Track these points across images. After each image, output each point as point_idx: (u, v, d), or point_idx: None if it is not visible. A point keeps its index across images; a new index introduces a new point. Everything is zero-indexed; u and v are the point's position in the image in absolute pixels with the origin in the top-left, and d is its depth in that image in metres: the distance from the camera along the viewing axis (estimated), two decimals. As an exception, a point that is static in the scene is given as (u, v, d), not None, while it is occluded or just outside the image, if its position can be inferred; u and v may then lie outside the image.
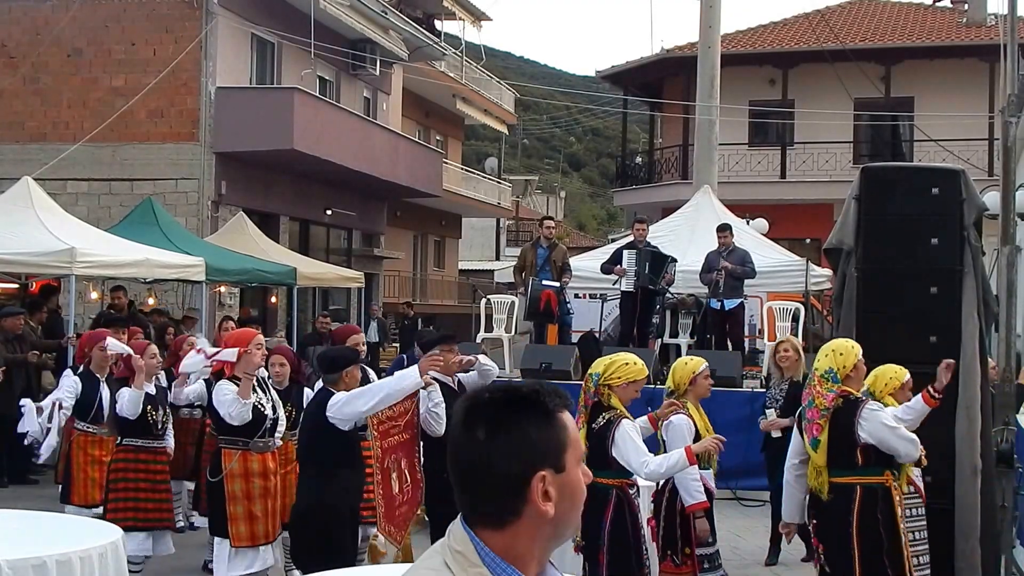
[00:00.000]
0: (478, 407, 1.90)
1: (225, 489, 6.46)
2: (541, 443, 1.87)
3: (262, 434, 6.55)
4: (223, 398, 6.43)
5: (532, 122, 65.84)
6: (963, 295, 6.43)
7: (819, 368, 5.58)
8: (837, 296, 6.95)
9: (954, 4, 30.56)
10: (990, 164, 24.75)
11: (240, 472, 6.49)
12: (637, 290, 12.74)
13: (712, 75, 19.54)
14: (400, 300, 29.15)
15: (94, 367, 7.47)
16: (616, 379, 5.58)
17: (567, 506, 1.89)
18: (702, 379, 6.17)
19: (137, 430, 7.04)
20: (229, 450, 6.51)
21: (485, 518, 1.87)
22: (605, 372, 5.60)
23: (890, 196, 6.62)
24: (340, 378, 6.08)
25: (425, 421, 6.38)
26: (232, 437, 6.49)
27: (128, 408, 6.90)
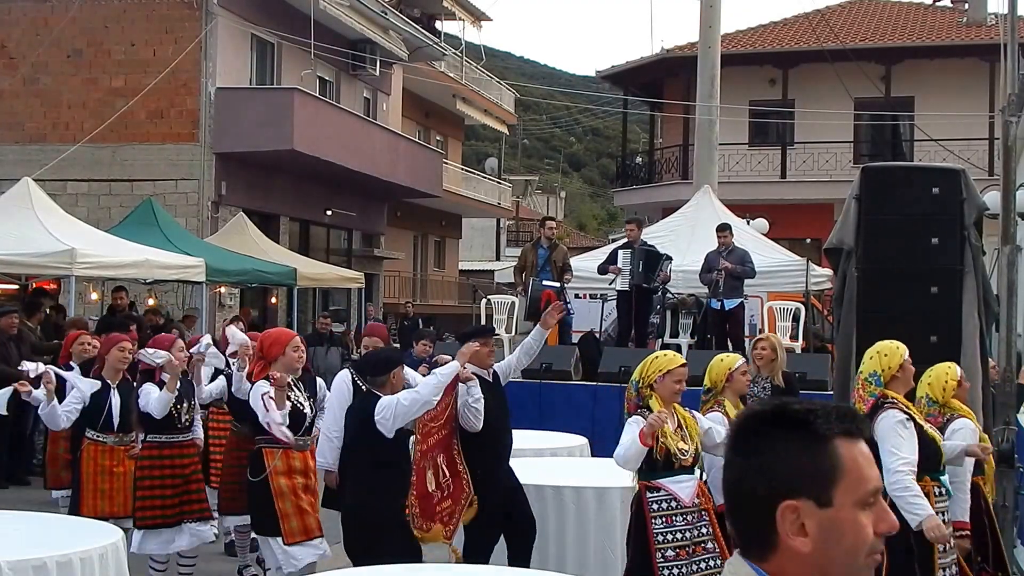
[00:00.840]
0: (745, 423, 1.74)
1: (271, 487, 6.32)
2: (799, 469, 1.66)
3: (302, 433, 6.45)
4: (257, 404, 6.28)
5: (532, 122, 65.85)
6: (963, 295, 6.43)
7: (864, 371, 5.43)
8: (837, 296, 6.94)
9: (954, 4, 30.56)
10: (990, 164, 24.74)
11: (283, 469, 6.37)
12: (632, 289, 12.76)
13: (712, 75, 19.54)
14: (400, 300, 29.16)
15: (107, 373, 7.22)
16: (652, 375, 5.47)
17: (834, 549, 1.65)
18: (739, 375, 6.12)
19: (161, 426, 6.90)
20: (271, 449, 6.38)
21: (747, 547, 1.71)
22: (641, 373, 5.50)
23: (890, 196, 6.62)
24: (388, 380, 5.96)
25: (463, 416, 6.24)
26: (271, 436, 6.36)
27: (157, 408, 6.76)
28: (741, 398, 8.97)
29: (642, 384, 5.47)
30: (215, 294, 19.04)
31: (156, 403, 6.74)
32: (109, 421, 7.05)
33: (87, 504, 6.96)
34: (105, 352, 7.26)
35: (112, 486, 7.07)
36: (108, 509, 7.00)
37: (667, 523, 5.31)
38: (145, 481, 6.87)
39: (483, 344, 6.47)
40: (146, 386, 6.88)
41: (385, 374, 5.99)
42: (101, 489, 7.05)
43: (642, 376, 5.48)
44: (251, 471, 6.44)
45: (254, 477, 6.38)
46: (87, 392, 7.02)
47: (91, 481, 7.02)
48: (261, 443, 6.42)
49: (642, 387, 5.47)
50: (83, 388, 7.03)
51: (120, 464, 7.09)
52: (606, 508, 6.67)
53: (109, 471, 7.08)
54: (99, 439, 7.07)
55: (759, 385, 8.74)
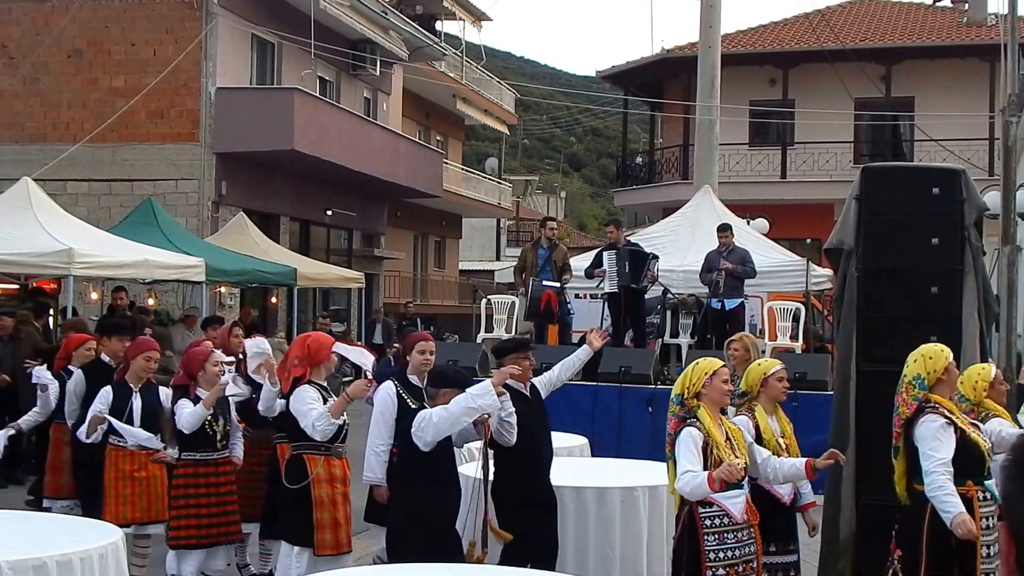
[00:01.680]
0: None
1: (311, 495, 6.16)
2: None
3: (342, 439, 6.32)
4: (304, 407, 6.11)
5: (532, 122, 65.85)
6: (963, 295, 6.42)
7: (907, 375, 5.36)
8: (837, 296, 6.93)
9: (954, 4, 30.56)
10: (990, 164, 24.74)
11: (326, 477, 6.22)
12: (620, 290, 12.76)
13: (712, 75, 19.54)
14: (401, 300, 29.16)
15: (130, 378, 7.05)
16: (697, 383, 5.27)
17: None
18: (775, 381, 6.02)
19: (196, 444, 6.70)
20: (312, 455, 6.22)
21: None
22: (684, 385, 5.30)
23: (890, 196, 6.61)
24: (437, 395, 5.76)
25: (497, 432, 6.05)
26: (313, 442, 6.19)
27: (188, 424, 6.58)
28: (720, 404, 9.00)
29: (687, 395, 5.27)
30: (215, 294, 19.04)
31: (188, 418, 6.57)
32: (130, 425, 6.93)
33: (110, 511, 6.81)
34: (132, 356, 7.11)
35: (134, 491, 6.94)
36: (131, 515, 6.89)
37: (719, 540, 5.15)
38: (180, 500, 6.70)
39: (522, 358, 6.30)
40: (181, 402, 6.67)
41: (435, 388, 5.84)
42: (123, 495, 6.92)
43: (686, 387, 5.29)
44: (289, 477, 6.25)
45: (293, 484, 6.20)
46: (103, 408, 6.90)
47: (113, 487, 6.89)
48: (302, 449, 6.24)
49: (687, 398, 5.27)
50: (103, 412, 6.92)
51: (142, 469, 6.97)
52: (606, 508, 6.67)
53: (131, 476, 6.94)
54: (122, 444, 6.92)
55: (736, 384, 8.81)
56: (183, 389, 6.74)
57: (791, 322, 14.57)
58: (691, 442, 5.12)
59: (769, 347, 13.83)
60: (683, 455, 5.12)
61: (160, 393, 7.21)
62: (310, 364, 6.32)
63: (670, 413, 5.34)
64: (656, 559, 6.93)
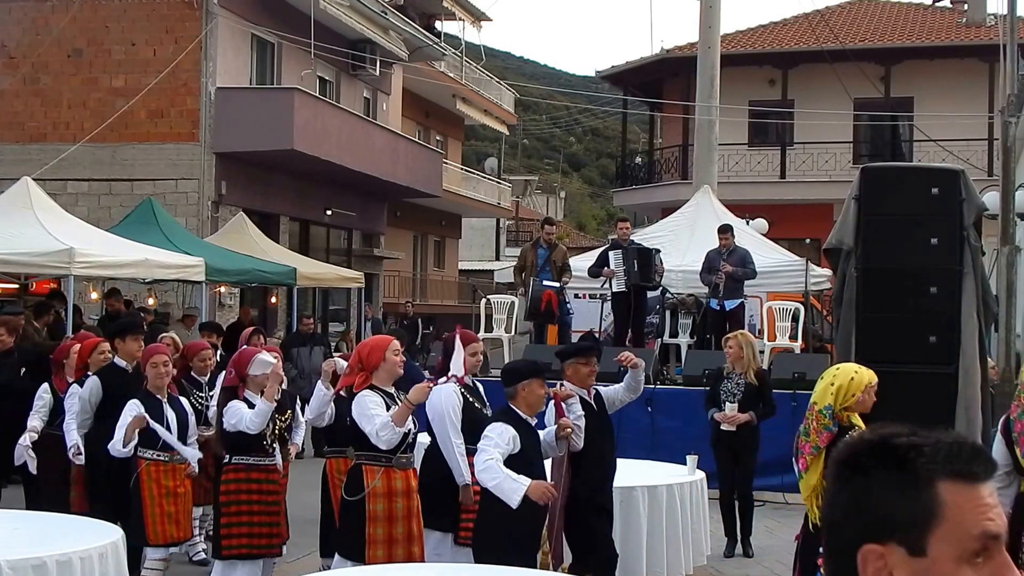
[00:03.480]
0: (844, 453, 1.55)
1: (366, 509, 5.85)
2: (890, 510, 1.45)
3: (405, 449, 5.95)
4: (368, 413, 5.80)
5: (532, 122, 65.85)
6: (963, 295, 6.44)
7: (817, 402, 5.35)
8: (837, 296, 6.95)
9: (954, 4, 30.57)
10: (990, 164, 24.75)
11: (383, 491, 5.86)
12: (629, 289, 12.78)
13: (712, 75, 19.55)
14: (400, 300, 29.16)
15: (152, 387, 6.64)
16: (851, 399, 5.20)
17: None
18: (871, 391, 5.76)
19: (247, 447, 6.32)
20: (371, 466, 5.88)
21: None
22: (838, 397, 5.20)
23: (890, 196, 6.62)
24: (516, 392, 5.56)
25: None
26: (374, 453, 5.86)
27: (256, 422, 6.18)
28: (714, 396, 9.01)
29: (839, 409, 5.19)
30: (215, 294, 19.04)
31: (254, 417, 6.18)
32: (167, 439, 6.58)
33: (154, 531, 6.45)
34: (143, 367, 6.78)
35: (177, 508, 6.62)
36: (176, 534, 6.59)
37: None
38: (231, 507, 6.29)
39: (584, 363, 6.17)
40: (233, 403, 6.27)
41: (512, 385, 5.62)
42: (168, 512, 6.55)
43: (839, 401, 5.20)
44: (348, 489, 5.98)
45: (351, 495, 5.92)
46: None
47: (156, 505, 6.49)
48: (362, 459, 5.95)
49: (840, 411, 5.19)
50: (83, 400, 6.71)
51: (181, 484, 6.68)
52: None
53: (173, 492, 6.59)
54: (158, 458, 6.56)
55: (732, 381, 8.88)
56: (232, 391, 6.39)
57: (790, 322, 14.58)
58: None
59: (768, 347, 13.84)
60: None
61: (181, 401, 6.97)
62: (366, 369, 5.98)
63: (820, 426, 5.22)
64: (656, 559, 6.94)
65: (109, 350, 7.69)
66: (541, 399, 5.69)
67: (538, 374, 5.67)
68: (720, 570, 8.61)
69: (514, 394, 5.59)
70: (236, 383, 6.38)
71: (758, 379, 8.91)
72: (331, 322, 25.59)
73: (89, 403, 7.16)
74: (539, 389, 5.64)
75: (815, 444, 5.20)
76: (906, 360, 6.32)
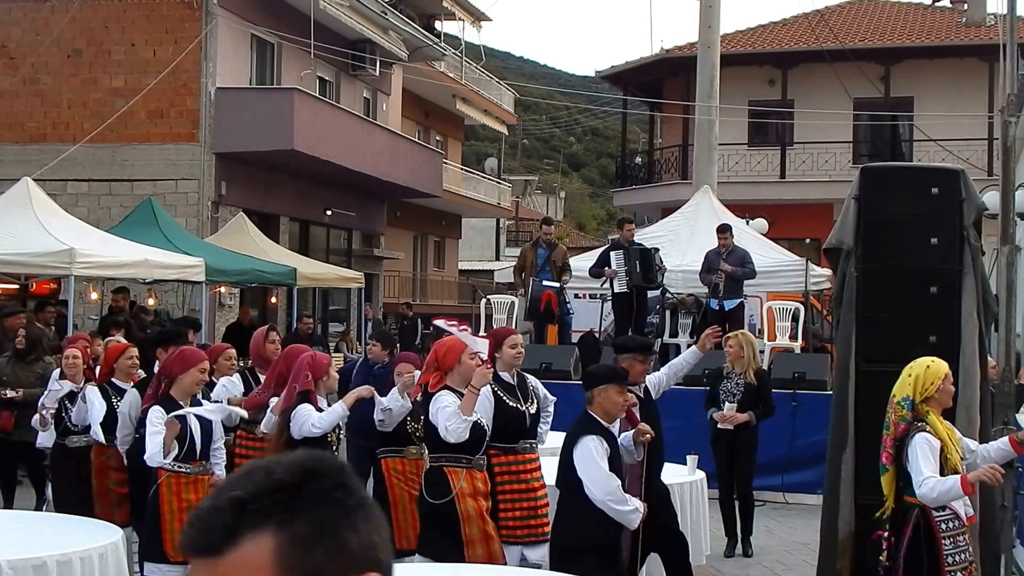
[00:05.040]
0: None
1: (458, 510, 5.79)
2: None
3: (483, 451, 5.95)
4: (443, 407, 5.75)
5: (532, 122, 65.83)
6: (963, 295, 6.43)
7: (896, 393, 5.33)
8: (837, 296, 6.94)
9: (953, 4, 30.58)
10: (989, 164, 24.75)
11: (470, 491, 5.86)
12: (631, 290, 12.78)
13: (712, 75, 19.55)
14: (400, 300, 29.16)
15: (178, 394, 6.21)
16: (931, 387, 5.22)
17: None
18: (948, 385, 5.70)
19: None
20: (455, 469, 5.86)
21: None
22: (916, 388, 5.21)
23: (890, 196, 6.62)
24: (593, 398, 5.50)
25: None
26: (455, 455, 5.84)
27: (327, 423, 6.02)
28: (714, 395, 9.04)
29: (919, 399, 5.21)
30: (215, 294, 19.04)
31: (325, 416, 6.01)
32: (192, 448, 6.17)
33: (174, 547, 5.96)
34: (180, 370, 6.26)
35: None
36: None
37: (954, 543, 5.11)
38: None
39: (641, 361, 6.16)
40: (303, 407, 6.08)
41: (588, 390, 5.58)
42: None
43: (918, 391, 5.21)
44: (431, 492, 5.90)
45: (436, 499, 5.85)
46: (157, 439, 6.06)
47: (176, 520, 6.09)
48: (444, 462, 5.89)
49: (919, 403, 5.20)
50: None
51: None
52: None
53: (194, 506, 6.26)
54: (181, 470, 6.14)
55: (732, 380, 8.90)
56: (304, 394, 6.15)
57: (790, 322, 14.60)
58: (928, 447, 5.08)
59: (768, 347, 13.86)
60: (922, 460, 5.06)
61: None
62: (441, 370, 5.94)
63: (896, 417, 5.24)
64: (655, 559, 6.94)
65: (137, 356, 7.53)
66: (619, 407, 5.59)
67: (616, 380, 5.55)
68: (720, 570, 8.62)
69: (591, 400, 5.49)
70: (309, 387, 6.17)
71: (757, 379, 8.92)
72: (331, 322, 25.61)
73: (129, 417, 6.90)
74: (616, 396, 5.52)
75: (894, 436, 5.23)
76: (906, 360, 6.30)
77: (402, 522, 6.43)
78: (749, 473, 9.10)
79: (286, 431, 6.09)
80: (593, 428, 5.45)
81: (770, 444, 10.11)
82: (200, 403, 6.50)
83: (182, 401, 6.20)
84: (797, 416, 11.17)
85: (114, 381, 7.36)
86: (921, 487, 5.02)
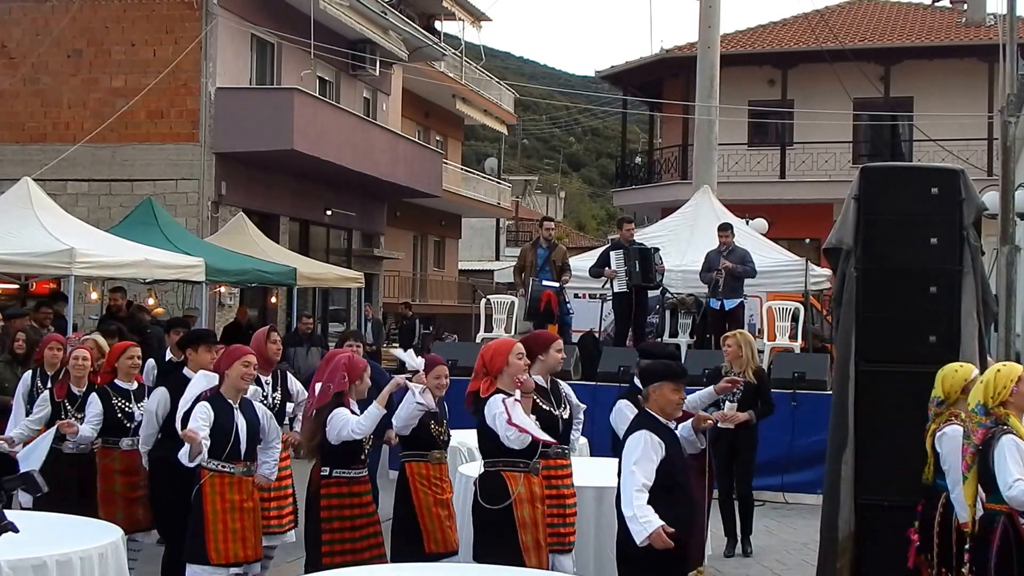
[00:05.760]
0: None
1: (515, 517, 5.64)
2: None
3: (539, 455, 5.82)
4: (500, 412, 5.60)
5: (532, 122, 65.86)
6: (962, 295, 6.43)
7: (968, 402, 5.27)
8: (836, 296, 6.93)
9: (953, 4, 30.59)
10: (989, 164, 24.76)
11: (527, 497, 5.72)
12: (631, 289, 12.80)
13: (712, 75, 19.55)
14: (400, 300, 29.17)
15: (227, 392, 6.07)
16: (1004, 390, 5.14)
17: None
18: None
19: (349, 460, 6.01)
20: (512, 473, 5.71)
21: None
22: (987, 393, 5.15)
23: (889, 196, 6.61)
24: (649, 395, 5.40)
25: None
26: (513, 459, 5.70)
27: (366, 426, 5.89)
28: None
29: (993, 404, 5.13)
30: (215, 294, 19.04)
31: (364, 420, 5.89)
32: (236, 448, 6.00)
33: (216, 549, 5.91)
34: (226, 366, 6.11)
35: (243, 525, 6.04)
36: (243, 553, 6.01)
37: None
38: (335, 523, 5.99)
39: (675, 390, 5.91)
40: (339, 411, 5.95)
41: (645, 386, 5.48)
42: (233, 529, 5.98)
43: (991, 395, 5.15)
44: (487, 497, 5.75)
45: (493, 505, 5.69)
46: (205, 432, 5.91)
47: (219, 521, 5.93)
48: (501, 467, 5.74)
49: (994, 407, 5.12)
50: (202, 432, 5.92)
51: (249, 498, 6.10)
52: (606, 508, 6.67)
53: (239, 507, 6.02)
54: (224, 470, 5.96)
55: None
56: (339, 396, 6.04)
57: (790, 322, 14.59)
58: (1016, 450, 5.00)
59: (768, 347, 13.86)
60: (1011, 463, 4.97)
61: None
62: (490, 374, 5.79)
63: (974, 424, 5.18)
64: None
65: (139, 355, 7.41)
66: (675, 405, 5.44)
67: (672, 377, 5.42)
68: (720, 570, 8.62)
69: (647, 396, 5.41)
70: (345, 387, 6.05)
71: (757, 378, 8.92)
72: (331, 322, 25.60)
73: (156, 416, 6.77)
74: (671, 394, 5.40)
75: (973, 444, 5.16)
76: (906, 360, 6.31)
77: (428, 526, 6.32)
78: (749, 473, 9.10)
79: (319, 434, 5.97)
80: (647, 424, 5.33)
81: (770, 444, 10.11)
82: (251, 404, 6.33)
83: (231, 398, 6.06)
84: (797, 416, 11.17)
85: (116, 382, 7.26)
86: (1011, 489, 4.93)
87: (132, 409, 7.22)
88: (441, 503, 6.45)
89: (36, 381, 7.88)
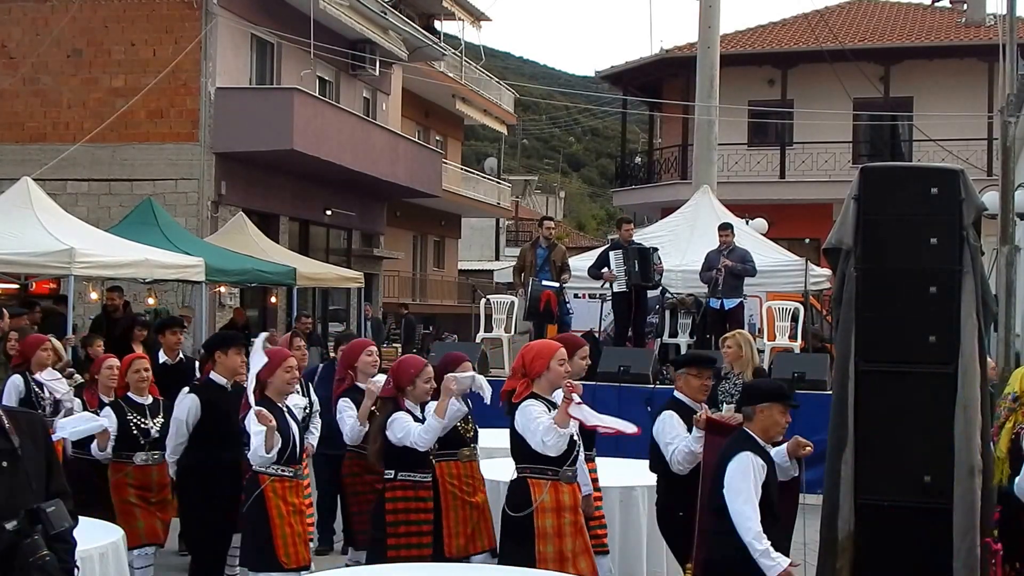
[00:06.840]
0: None
1: (535, 525, 5.48)
2: None
3: (572, 461, 5.61)
4: (532, 424, 5.43)
5: (532, 122, 65.86)
6: (962, 295, 6.43)
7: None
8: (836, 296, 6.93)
9: (953, 4, 30.60)
10: (989, 164, 24.76)
11: (552, 506, 5.51)
12: (630, 289, 12.81)
13: (711, 75, 19.56)
14: (400, 300, 29.19)
15: (274, 395, 5.91)
16: None
17: None
18: None
19: (413, 463, 5.97)
20: (537, 480, 5.52)
21: None
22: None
23: (889, 196, 6.61)
24: (754, 414, 5.23)
25: None
26: (540, 465, 5.52)
27: (427, 438, 5.85)
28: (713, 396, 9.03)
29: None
30: (215, 294, 19.05)
31: (423, 434, 5.83)
32: (293, 451, 5.90)
33: (287, 553, 5.79)
34: (268, 375, 5.90)
35: (304, 528, 6.01)
36: (307, 556, 5.95)
37: None
38: (400, 527, 5.95)
39: (697, 376, 5.92)
40: (399, 415, 5.90)
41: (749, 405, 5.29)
42: (298, 532, 5.88)
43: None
44: (511, 504, 5.60)
45: (517, 512, 5.53)
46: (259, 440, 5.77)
47: (286, 524, 5.81)
48: (527, 473, 5.57)
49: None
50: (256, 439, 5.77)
51: (303, 502, 6.08)
52: (605, 508, 6.68)
53: (299, 510, 5.95)
54: (284, 473, 5.85)
55: (730, 381, 8.89)
56: (393, 401, 5.99)
57: (790, 322, 14.60)
58: None
59: (768, 347, 13.86)
60: None
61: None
62: (528, 376, 5.61)
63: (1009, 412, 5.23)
64: (655, 558, 6.95)
65: (146, 367, 7.20)
66: (780, 429, 5.27)
67: (781, 398, 5.26)
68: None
69: (751, 415, 5.21)
70: (393, 394, 6.00)
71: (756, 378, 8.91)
72: (331, 322, 25.61)
73: (186, 424, 6.55)
74: (780, 416, 5.23)
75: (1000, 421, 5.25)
76: (906, 360, 6.31)
77: (453, 527, 6.28)
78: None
79: (381, 437, 5.94)
80: (750, 445, 5.17)
81: (769, 444, 10.10)
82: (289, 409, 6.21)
83: (278, 402, 5.94)
84: (797, 416, 11.16)
85: (130, 396, 7.11)
86: None
87: (148, 425, 7.03)
88: (470, 505, 6.38)
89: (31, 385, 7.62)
